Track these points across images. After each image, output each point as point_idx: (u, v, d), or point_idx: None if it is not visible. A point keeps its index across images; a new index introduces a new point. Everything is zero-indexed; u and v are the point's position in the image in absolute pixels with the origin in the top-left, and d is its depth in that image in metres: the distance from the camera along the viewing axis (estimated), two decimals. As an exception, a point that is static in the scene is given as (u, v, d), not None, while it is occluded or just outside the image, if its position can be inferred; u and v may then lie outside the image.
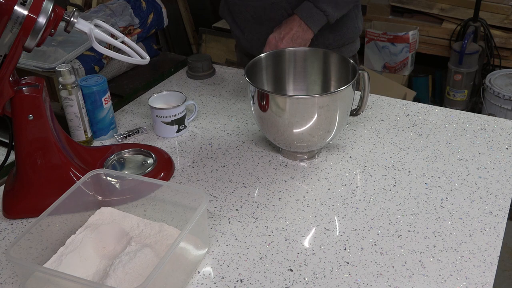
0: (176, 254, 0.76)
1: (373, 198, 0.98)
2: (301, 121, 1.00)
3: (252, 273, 0.83)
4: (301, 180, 1.04)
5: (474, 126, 1.19)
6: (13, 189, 0.98)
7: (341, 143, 1.14)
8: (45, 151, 0.94)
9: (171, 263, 0.74)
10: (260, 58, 1.12)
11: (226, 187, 1.02)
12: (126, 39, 1.00)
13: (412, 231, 0.90)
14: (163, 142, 1.18)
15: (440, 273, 0.81)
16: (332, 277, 0.81)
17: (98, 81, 1.14)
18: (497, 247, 0.86)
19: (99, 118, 1.17)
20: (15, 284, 0.82)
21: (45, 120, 0.92)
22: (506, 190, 0.98)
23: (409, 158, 1.09)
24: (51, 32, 0.88)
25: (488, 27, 2.65)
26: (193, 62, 1.45)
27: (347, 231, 0.90)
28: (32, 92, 0.91)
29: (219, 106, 1.32)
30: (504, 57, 2.71)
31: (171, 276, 0.77)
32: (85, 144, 1.15)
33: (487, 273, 0.81)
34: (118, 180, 0.93)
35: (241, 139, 1.18)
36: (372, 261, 0.84)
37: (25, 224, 0.95)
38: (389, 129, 1.19)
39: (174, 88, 1.41)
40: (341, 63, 1.11)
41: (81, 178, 0.90)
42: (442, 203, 0.96)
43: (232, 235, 0.90)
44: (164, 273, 0.73)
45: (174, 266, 0.77)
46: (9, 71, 0.87)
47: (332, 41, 1.36)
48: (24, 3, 0.82)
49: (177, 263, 0.78)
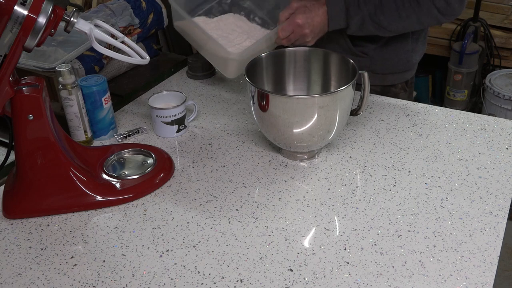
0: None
1: (373, 198, 0.98)
2: (301, 121, 1.00)
3: (252, 273, 0.83)
4: (301, 180, 1.04)
5: (474, 126, 1.19)
6: (13, 189, 0.98)
7: (341, 143, 1.14)
8: (45, 151, 0.94)
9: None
10: (261, 58, 1.12)
11: (226, 187, 1.02)
12: (126, 39, 1.00)
13: (412, 231, 0.90)
14: (163, 142, 1.18)
15: (440, 273, 0.81)
16: (332, 277, 0.81)
17: (98, 81, 1.14)
18: (497, 247, 0.86)
19: (99, 118, 1.17)
20: (15, 284, 0.82)
21: (45, 120, 0.92)
22: (506, 190, 0.98)
23: (409, 158, 1.09)
24: (51, 32, 0.88)
25: (488, 27, 2.65)
26: (193, 62, 1.44)
27: (347, 231, 0.90)
28: (32, 92, 0.91)
29: (219, 106, 1.32)
30: (504, 57, 2.71)
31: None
32: (85, 144, 1.15)
33: (487, 273, 0.81)
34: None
35: (241, 139, 1.18)
36: (372, 261, 0.84)
37: (25, 224, 0.95)
38: (389, 129, 1.19)
39: (174, 88, 1.41)
40: (341, 63, 1.11)
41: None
42: (442, 203, 0.96)
43: (232, 235, 0.90)
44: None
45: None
46: (9, 71, 0.87)
47: (377, 68, 1.32)
48: (24, 3, 0.82)
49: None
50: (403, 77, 1.37)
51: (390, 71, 1.34)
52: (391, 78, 1.35)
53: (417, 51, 1.34)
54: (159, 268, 0.84)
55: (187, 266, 0.84)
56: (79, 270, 0.84)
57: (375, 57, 1.29)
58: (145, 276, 0.83)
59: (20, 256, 0.88)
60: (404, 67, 1.35)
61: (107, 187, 1.00)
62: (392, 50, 1.29)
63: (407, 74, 1.37)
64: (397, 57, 1.31)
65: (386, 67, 1.32)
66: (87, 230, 0.93)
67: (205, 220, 0.94)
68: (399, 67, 1.34)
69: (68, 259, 0.87)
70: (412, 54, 1.33)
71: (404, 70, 1.35)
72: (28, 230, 0.93)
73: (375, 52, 1.29)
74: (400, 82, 1.37)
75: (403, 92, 1.39)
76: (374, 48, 1.28)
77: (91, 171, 1.02)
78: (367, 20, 1.18)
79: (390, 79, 1.35)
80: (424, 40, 1.35)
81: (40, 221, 0.95)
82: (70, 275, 0.83)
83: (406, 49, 1.31)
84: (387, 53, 1.29)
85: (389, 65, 1.32)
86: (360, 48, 1.29)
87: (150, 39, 1.54)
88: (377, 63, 1.30)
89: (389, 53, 1.30)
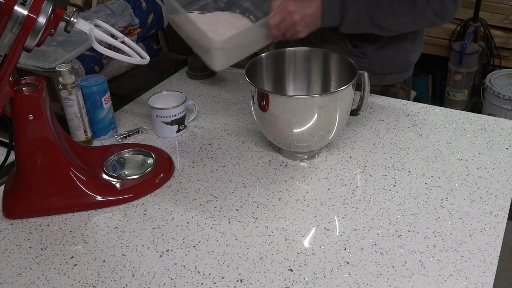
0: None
1: (373, 198, 0.98)
2: (301, 121, 1.00)
3: (252, 273, 0.83)
4: (301, 180, 1.04)
5: (474, 126, 1.19)
6: (13, 189, 0.98)
7: (341, 143, 1.14)
8: (45, 151, 0.94)
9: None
10: (261, 58, 1.12)
11: (226, 187, 1.02)
12: (126, 39, 1.00)
13: (412, 231, 0.90)
14: (163, 142, 1.18)
15: (440, 273, 0.81)
16: (332, 277, 0.81)
17: (98, 81, 1.14)
18: (497, 247, 0.86)
19: (99, 118, 1.17)
20: (15, 284, 0.82)
21: (45, 120, 0.92)
22: (506, 190, 0.98)
23: (409, 158, 1.09)
24: (51, 32, 0.88)
25: (488, 27, 2.65)
26: (193, 62, 1.45)
27: (347, 231, 0.90)
28: (32, 92, 0.91)
29: (219, 106, 1.32)
30: (504, 57, 2.70)
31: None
32: (85, 144, 1.15)
33: (487, 273, 0.81)
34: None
35: (241, 139, 1.18)
36: (372, 261, 0.84)
37: (25, 224, 0.95)
38: (389, 129, 1.19)
39: (174, 88, 1.41)
40: (341, 63, 1.11)
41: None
42: (442, 203, 0.96)
43: (232, 235, 0.90)
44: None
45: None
46: (9, 71, 0.87)
47: (376, 68, 1.31)
48: (24, 3, 0.82)
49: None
50: (401, 77, 1.37)
51: (389, 71, 1.34)
52: (390, 78, 1.35)
53: (415, 51, 1.35)
54: (159, 268, 0.84)
55: (187, 266, 0.84)
56: (79, 270, 0.84)
57: (374, 57, 1.30)
58: (145, 276, 0.83)
59: (20, 256, 0.88)
60: (402, 67, 1.35)
61: (107, 187, 1.00)
62: (391, 50, 1.29)
63: (405, 73, 1.37)
64: (396, 57, 1.31)
65: (385, 67, 1.33)
66: (87, 230, 0.93)
67: (205, 220, 0.94)
68: (398, 67, 1.34)
69: (68, 259, 0.87)
70: (410, 53, 1.33)
71: (402, 70, 1.36)
72: (28, 230, 0.93)
73: (374, 53, 1.29)
74: (399, 82, 1.37)
75: (402, 92, 1.39)
76: (374, 49, 1.28)
77: (91, 171, 1.02)
78: (363, 16, 1.17)
79: (389, 79, 1.35)
80: (421, 39, 1.36)
81: (40, 221, 0.95)
82: (70, 275, 0.83)
83: (404, 49, 1.31)
84: (386, 53, 1.30)
85: (387, 65, 1.32)
86: (359, 49, 1.29)
87: (150, 39, 1.54)
88: (376, 64, 1.30)
89: (387, 54, 1.30)
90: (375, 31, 1.20)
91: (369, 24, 1.18)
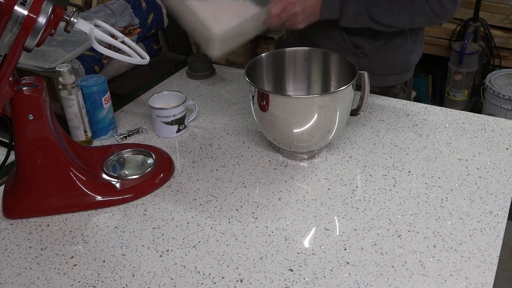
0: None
1: (373, 198, 0.98)
2: (301, 121, 1.00)
3: (252, 273, 0.83)
4: (301, 180, 1.04)
5: (474, 126, 1.19)
6: (13, 189, 0.98)
7: (341, 143, 1.14)
8: (45, 151, 0.94)
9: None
10: (261, 58, 1.12)
11: (226, 187, 1.02)
12: (126, 39, 1.00)
13: (412, 231, 0.90)
14: (163, 142, 1.18)
15: (440, 273, 0.81)
16: (332, 277, 0.81)
17: (98, 81, 1.14)
18: (497, 247, 0.86)
19: (99, 118, 1.17)
20: (15, 284, 0.82)
21: (45, 120, 0.92)
22: (506, 190, 0.98)
23: (409, 158, 1.09)
24: (51, 32, 0.88)
25: (488, 27, 2.65)
26: (193, 62, 1.45)
27: (347, 231, 0.90)
28: (32, 92, 0.91)
29: (219, 106, 1.32)
30: (504, 57, 2.71)
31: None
32: (85, 144, 1.15)
33: (487, 273, 0.81)
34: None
35: (241, 139, 1.18)
36: (372, 261, 0.84)
37: (25, 224, 0.95)
38: (389, 129, 1.19)
39: (174, 88, 1.41)
40: (341, 63, 1.11)
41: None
42: (442, 203, 0.96)
43: (232, 235, 0.90)
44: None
45: None
46: (9, 71, 0.87)
47: (376, 69, 1.31)
48: (24, 3, 0.82)
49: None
50: (402, 78, 1.37)
51: (389, 72, 1.34)
52: (390, 79, 1.35)
53: (415, 52, 1.34)
54: (159, 268, 0.84)
55: (187, 266, 0.84)
56: (79, 270, 0.84)
57: (375, 58, 1.30)
58: (145, 276, 0.83)
59: (20, 256, 0.88)
60: (402, 68, 1.35)
61: (107, 187, 1.00)
62: (391, 51, 1.29)
63: (405, 75, 1.37)
64: (396, 58, 1.31)
65: (385, 68, 1.33)
66: (87, 230, 0.93)
67: (205, 220, 0.94)
68: (398, 68, 1.34)
69: (68, 259, 0.87)
70: (410, 55, 1.33)
71: (402, 71, 1.36)
72: (28, 230, 0.93)
73: (374, 53, 1.29)
74: (399, 83, 1.37)
75: (402, 93, 1.39)
76: (374, 49, 1.28)
77: (91, 171, 1.02)
78: (362, 11, 1.17)
79: (389, 80, 1.35)
80: (421, 41, 1.35)
81: (40, 221, 0.95)
82: (70, 275, 0.83)
83: (404, 50, 1.31)
84: (386, 54, 1.30)
85: (388, 66, 1.32)
86: (360, 50, 1.29)
87: (150, 39, 1.54)
88: (376, 64, 1.30)
89: (387, 54, 1.30)
90: (375, 26, 1.20)
91: (368, 19, 1.18)
